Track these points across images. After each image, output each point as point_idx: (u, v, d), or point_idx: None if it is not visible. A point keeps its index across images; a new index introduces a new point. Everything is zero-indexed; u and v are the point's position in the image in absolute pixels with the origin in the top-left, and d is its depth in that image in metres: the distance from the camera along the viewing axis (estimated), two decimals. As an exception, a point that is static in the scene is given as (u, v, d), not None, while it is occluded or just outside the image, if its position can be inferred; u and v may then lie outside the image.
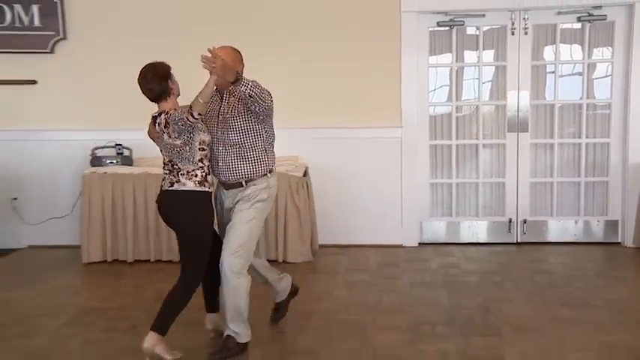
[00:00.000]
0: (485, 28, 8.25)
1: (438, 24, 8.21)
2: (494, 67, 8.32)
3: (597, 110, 8.30)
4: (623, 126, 8.14)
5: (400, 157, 8.28)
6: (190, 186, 4.88)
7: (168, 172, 4.97)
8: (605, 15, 8.03)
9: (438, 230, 8.56)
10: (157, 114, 4.90)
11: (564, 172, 8.36)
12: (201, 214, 4.97)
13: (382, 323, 5.81)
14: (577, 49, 8.23)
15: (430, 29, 8.24)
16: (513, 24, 8.11)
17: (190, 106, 4.69)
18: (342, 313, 6.12)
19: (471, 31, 8.28)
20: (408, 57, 8.15)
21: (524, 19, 8.09)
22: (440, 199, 8.55)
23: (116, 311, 6.33)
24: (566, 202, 8.39)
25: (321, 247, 8.14)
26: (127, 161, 8.16)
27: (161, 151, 5.04)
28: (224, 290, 5.05)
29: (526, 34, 8.12)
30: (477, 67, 8.37)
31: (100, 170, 7.94)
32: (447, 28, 8.23)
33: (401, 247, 8.32)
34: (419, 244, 8.41)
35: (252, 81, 4.85)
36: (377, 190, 8.32)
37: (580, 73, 8.28)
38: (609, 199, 8.32)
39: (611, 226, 8.34)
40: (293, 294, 5.89)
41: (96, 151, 8.11)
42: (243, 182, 5.06)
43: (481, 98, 8.40)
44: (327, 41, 8.17)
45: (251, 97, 4.80)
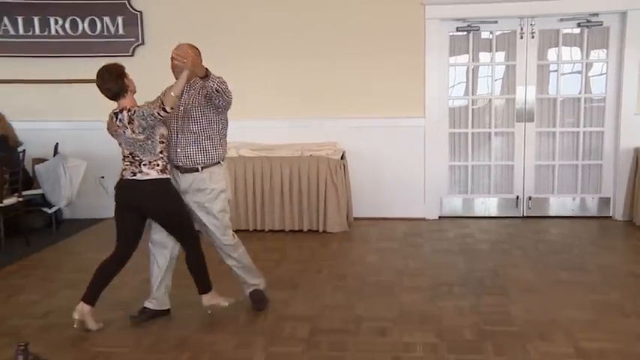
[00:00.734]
0: (497, 33, 8.27)
1: (457, 29, 8.25)
2: (504, 66, 8.35)
3: (593, 103, 8.31)
4: (615, 117, 8.15)
5: (423, 143, 8.33)
6: (154, 175, 4.68)
7: (129, 163, 4.73)
8: (601, 21, 8.04)
9: (455, 205, 8.61)
10: (118, 110, 4.67)
11: (564, 156, 8.37)
12: (171, 195, 4.81)
13: (407, 284, 5.85)
14: (576, 50, 8.24)
15: (450, 34, 8.28)
16: (522, 29, 8.14)
17: (162, 101, 4.52)
18: (374, 275, 6.17)
19: (485, 35, 8.30)
20: (431, 57, 8.20)
21: (531, 24, 8.12)
22: (457, 179, 8.59)
23: (183, 271, 6.03)
24: (565, 182, 8.41)
25: (355, 219, 8.18)
26: None
27: (120, 144, 4.79)
28: (233, 263, 5.11)
29: (533, 37, 8.15)
30: (490, 66, 8.41)
31: None
32: (465, 33, 8.27)
33: (423, 219, 8.36)
34: (439, 217, 8.46)
35: (218, 77, 4.76)
36: (403, 171, 8.36)
37: (579, 72, 8.30)
38: (602, 180, 8.33)
39: (604, 202, 8.37)
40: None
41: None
42: (199, 167, 4.88)
43: (493, 93, 8.45)
44: (363, 45, 8.20)
45: (217, 91, 4.69)
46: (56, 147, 8.34)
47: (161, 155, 4.72)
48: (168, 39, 8.50)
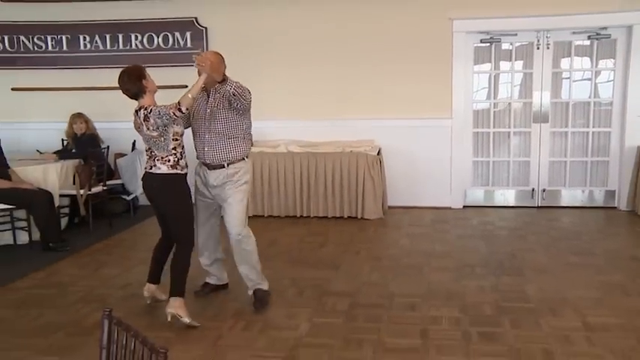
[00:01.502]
0: (516, 44, 8.19)
1: (481, 41, 8.19)
2: (522, 73, 8.25)
3: (602, 107, 8.18)
4: (621, 119, 8.03)
5: (450, 141, 8.28)
6: (164, 169, 4.46)
7: (148, 157, 4.56)
8: (609, 34, 7.92)
9: (478, 196, 8.55)
10: (138, 109, 4.47)
11: (575, 153, 8.27)
12: (177, 191, 4.54)
13: (435, 265, 5.85)
14: (586, 60, 8.13)
15: (475, 45, 8.21)
16: (539, 41, 8.05)
17: (179, 102, 4.30)
18: (405, 257, 6.18)
19: (505, 46, 8.22)
20: (458, 66, 8.14)
21: (547, 37, 8.02)
22: (480, 173, 8.52)
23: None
24: (575, 176, 8.30)
25: (389, 207, 8.18)
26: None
27: (143, 139, 4.62)
28: (240, 255, 4.82)
29: (548, 48, 8.05)
30: (509, 74, 8.32)
31: None
32: (488, 44, 8.19)
33: (450, 208, 8.32)
34: (463, 206, 8.41)
35: (235, 82, 4.54)
36: (432, 165, 8.31)
37: (589, 79, 8.18)
38: (609, 174, 8.22)
39: (610, 194, 8.26)
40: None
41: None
42: (225, 164, 4.67)
43: (512, 97, 8.36)
44: (398, 54, 8.17)
45: (234, 95, 4.48)
46: (134, 144, 8.44)
47: (174, 152, 4.48)
48: (228, 50, 8.55)
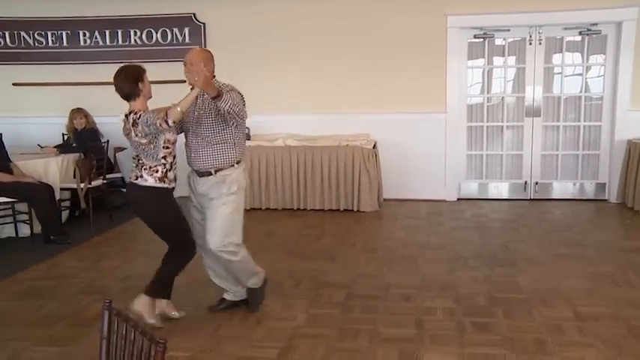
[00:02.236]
0: (509, 40, 8.20)
1: (475, 36, 8.19)
2: (515, 68, 8.26)
3: (592, 101, 8.20)
4: (611, 113, 8.05)
5: (445, 135, 8.29)
6: (151, 182, 4.05)
7: (134, 165, 4.16)
8: (600, 30, 7.95)
9: (471, 189, 8.55)
10: (128, 113, 4.07)
11: (566, 147, 8.28)
12: (161, 207, 4.15)
13: (430, 256, 5.84)
14: (577, 55, 8.15)
15: (468, 40, 8.22)
16: (531, 36, 8.06)
17: (167, 113, 3.89)
18: (400, 248, 6.17)
19: (499, 42, 8.22)
20: (452, 61, 8.15)
21: (539, 33, 8.04)
22: (474, 166, 8.53)
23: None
24: (567, 169, 8.33)
25: (385, 200, 8.17)
26: (246, 137, 8.20)
27: (131, 146, 4.23)
28: (229, 270, 4.39)
29: (540, 44, 8.06)
30: (502, 69, 8.33)
31: None
32: (481, 40, 8.19)
33: (444, 201, 8.33)
34: (457, 199, 8.42)
35: (231, 98, 4.01)
36: (427, 158, 8.31)
37: (580, 74, 8.21)
38: (599, 167, 8.24)
39: (600, 187, 8.28)
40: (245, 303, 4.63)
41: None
42: (212, 171, 4.21)
43: (505, 91, 8.37)
44: (393, 49, 8.17)
45: (229, 113, 4.01)
46: (133, 137, 8.44)
47: (163, 161, 4.08)
48: (227, 45, 8.67)
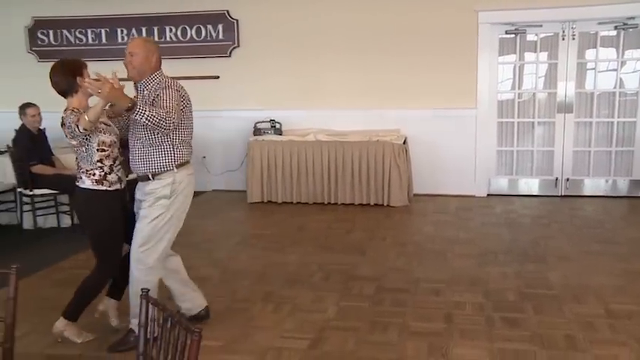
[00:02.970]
0: (542, 35, 8.09)
1: (506, 32, 8.10)
2: (547, 64, 8.15)
3: (627, 97, 8.06)
4: (646, 109, 7.97)
5: (475, 131, 8.23)
6: (88, 184, 3.74)
7: (77, 167, 3.86)
8: (637, 24, 7.76)
9: (502, 185, 8.47)
10: (64, 110, 3.73)
11: (599, 143, 8.15)
12: (98, 212, 3.79)
13: (459, 251, 5.82)
14: (612, 50, 8.01)
15: (500, 36, 8.13)
16: (564, 32, 7.94)
17: (78, 119, 3.55)
18: (430, 243, 6.16)
19: (530, 37, 8.13)
20: (483, 57, 8.08)
21: (572, 28, 7.91)
22: (504, 162, 8.45)
23: (269, 236, 6.56)
24: (599, 166, 8.19)
25: (415, 195, 8.14)
26: (278, 132, 8.33)
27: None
28: (130, 281, 3.87)
29: (573, 39, 7.94)
30: (534, 64, 8.23)
31: (259, 138, 8.17)
32: (513, 35, 8.11)
33: (474, 196, 8.26)
34: (487, 194, 8.35)
35: (147, 111, 3.51)
36: (457, 154, 8.26)
37: (614, 69, 8.06)
38: (634, 164, 8.08)
39: (635, 184, 8.13)
40: (198, 319, 4.12)
41: (257, 125, 8.32)
42: (149, 175, 3.78)
43: (537, 87, 8.27)
44: (423, 47, 8.13)
45: (146, 125, 3.57)
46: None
47: (99, 164, 3.74)
48: (258, 41, 8.73)
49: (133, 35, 8.90)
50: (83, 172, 3.78)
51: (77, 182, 3.83)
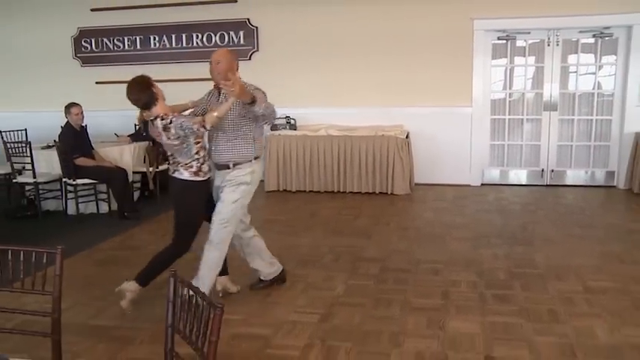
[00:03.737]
0: (530, 41, 8.03)
1: (498, 38, 8.06)
2: (535, 67, 8.09)
3: (604, 97, 7.99)
4: (621, 108, 7.86)
5: (470, 127, 8.20)
6: (186, 175, 3.86)
7: (171, 162, 3.97)
8: (612, 33, 7.75)
9: (494, 175, 8.43)
10: (153, 118, 3.83)
11: (580, 138, 8.11)
12: (191, 199, 3.94)
13: (455, 235, 5.83)
14: (591, 56, 7.96)
15: (492, 42, 8.09)
16: (549, 39, 7.90)
17: (204, 119, 3.76)
18: (429, 228, 6.16)
19: (520, 43, 8.07)
20: (477, 60, 8.04)
21: (556, 35, 7.87)
22: (496, 155, 8.41)
23: (284, 221, 6.56)
24: (580, 158, 8.15)
25: (416, 184, 8.13)
26: (293, 127, 8.32)
27: (164, 147, 4.03)
28: (205, 257, 4.00)
29: (557, 45, 7.89)
30: (523, 67, 8.18)
31: (276, 133, 8.15)
32: (504, 41, 8.06)
33: (469, 186, 8.25)
34: (481, 184, 8.32)
35: (265, 102, 3.86)
36: (454, 147, 8.23)
37: (593, 73, 8.01)
38: (609, 157, 8.05)
39: (610, 174, 8.09)
40: (279, 281, 4.50)
41: (274, 120, 8.36)
42: (230, 165, 3.97)
43: (525, 88, 8.22)
44: (424, 51, 8.10)
45: (263, 115, 3.87)
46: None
47: (197, 157, 3.86)
48: (276, 46, 8.72)
49: (164, 41, 8.95)
50: (181, 166, 3.88)
51: (173, 173, 3.93)
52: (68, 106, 6.83)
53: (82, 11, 9.14)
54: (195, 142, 3.83)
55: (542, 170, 8.26)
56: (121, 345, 3.58)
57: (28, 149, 6.85)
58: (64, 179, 6.88)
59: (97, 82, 9.15)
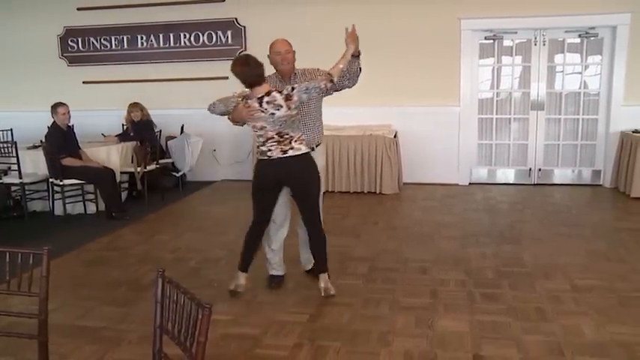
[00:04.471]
0: (517, 41, 8.05)
1: (485, 38, 8.06)
2: (522, 66, 8.12)
3: (590, 97, 8.02)
4: (606, 108, 7.88)
5: (458, 126, 8.20)
6: (304, 149, 3.92)
7: (276, 143, 3.86)
8: (597, 33, 7.78)
9: (482, 174, 8.45)
10: (264, 94, 3.81)
11: (567, 137, 8.13)
12: (316, 170, 4.04)
13: (444, 234, 5.82)
14: (577, 56, 7.99)
15: (480, 41, 8.10)
16: (536, 38, 7.92)
17: (329, 73, 3.89)
18: (418, 227, 6.15)
19: (507, 43, 8.08)
20: (465, 60, 8.04)
21: (543, 35, 7.89)
22: (484, 154, 8.41)
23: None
24: (567, 157, 8.18)
25: (404, 184, 8.11)
26: None
27: (257, 129, 3.90)
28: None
29: (544, 45, 7.92)
30: (510, 67, 8.20)
31: None
32: (491, 41, 8.07)
33: (457, 185, 8.25)
34: (469, 183, 8.33)
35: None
36: (442, 147, 8.24)
37: (579, 72, 8.04)
38: (595, 156, 8.08)
39: (596, 173, 8.13)
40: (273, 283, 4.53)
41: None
42: (314, 146, 4.15)
43: (513, 87, 8.23)
44: (412, 50, 8.10)
45: (360, 69, 4.16)
46: (182, 127, 8.51)
47: (304, 129, 4.07)
48: (264, 46, 8.50)
49: (152, 41, 8.88)
50: (295, 142, 3.90)
51: (286, 153, 3.88)
52: (55, 106, 6.76)
53: (68, 10, 9.05)
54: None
55: (530, 169, 8.29)
56: (109, 346, 3.55)
57: (14, 149, 6.77)
58: (50, 179, 6.82)
59: (84, 82, 9.08)
